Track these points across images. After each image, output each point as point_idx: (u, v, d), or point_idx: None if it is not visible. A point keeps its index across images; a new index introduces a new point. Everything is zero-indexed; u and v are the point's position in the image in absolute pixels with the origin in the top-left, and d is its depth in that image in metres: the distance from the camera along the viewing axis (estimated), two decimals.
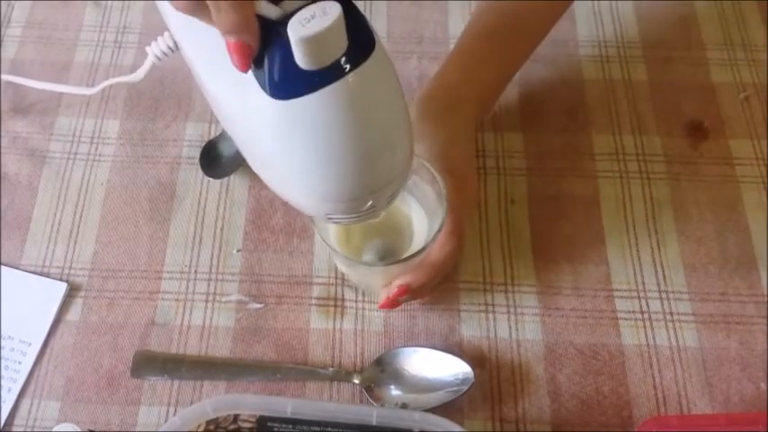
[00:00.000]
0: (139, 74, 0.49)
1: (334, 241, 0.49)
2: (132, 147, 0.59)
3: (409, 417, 0.42)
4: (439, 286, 0.52)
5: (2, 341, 0.51)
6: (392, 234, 0.50)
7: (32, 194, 0.57)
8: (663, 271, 0.54)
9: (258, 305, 0.53)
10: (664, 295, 0.53)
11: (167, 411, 0.49)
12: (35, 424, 0.49)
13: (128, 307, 0.53)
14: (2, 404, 0.49)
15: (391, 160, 0.36)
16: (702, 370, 0.51)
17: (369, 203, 0.38)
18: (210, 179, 0.58)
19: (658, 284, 0.54)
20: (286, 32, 0.30)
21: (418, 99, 0.51)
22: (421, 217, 0.50)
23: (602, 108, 0.61)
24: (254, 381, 0.50)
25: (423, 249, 0.45)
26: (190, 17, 0.32)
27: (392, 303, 0.48)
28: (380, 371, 0.50)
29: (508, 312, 0.53)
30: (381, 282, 0.49)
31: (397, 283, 0.47)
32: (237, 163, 0.57)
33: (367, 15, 0.64)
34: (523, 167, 0.58)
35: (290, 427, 0.43)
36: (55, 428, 0.46)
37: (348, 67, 0.32)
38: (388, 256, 0.49)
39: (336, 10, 0.30)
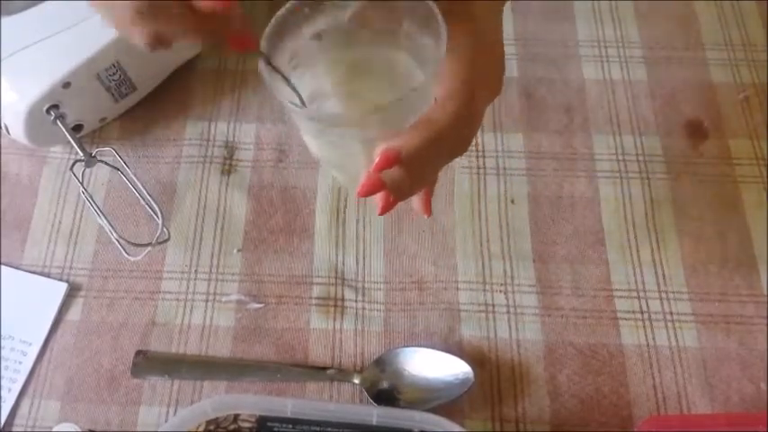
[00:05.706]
0: None
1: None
2: (133, 146, 0.60)
3: (409, 417, 0.42)
4: (441, 176, 0.41)
5: (2, 341, 0.51)
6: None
7: (33, 194, 0.57)
8: (663, 271, 0.54)
9: (258, 305, 0.53)
10: (663, 295, 0.53)
11: (167, 411, 0.50)
12: (35, 424, 0.49)
13: (128, 307, 0.53)
14: (2, 404, 0.49)
15: None
16: (702, 370, 0.51)
17: None
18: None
19: (658, 284, 0.54)
20: None
21: None
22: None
23: (601, 108, 0.61)
24: (255, 381, 0.50)
25: (415, 91, 0.33)
26: None
27: (374, 183, 0.34)
28: (380, 371, 0.50)
29: (508, 312, 0.53)
30: (362, 156, 0.35)
31: (383, 148, 0.33)
32: None
33: None
34: (523, 167, 0.58)
35: (290, 426, 0.43)
36: (55, 428, 0.46)
37: None
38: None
39: None
